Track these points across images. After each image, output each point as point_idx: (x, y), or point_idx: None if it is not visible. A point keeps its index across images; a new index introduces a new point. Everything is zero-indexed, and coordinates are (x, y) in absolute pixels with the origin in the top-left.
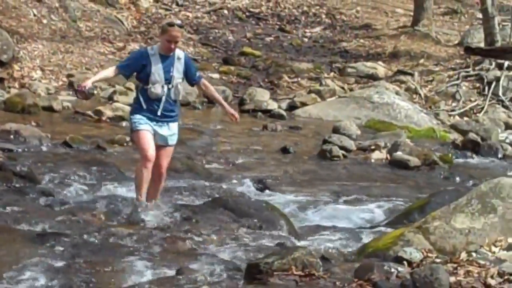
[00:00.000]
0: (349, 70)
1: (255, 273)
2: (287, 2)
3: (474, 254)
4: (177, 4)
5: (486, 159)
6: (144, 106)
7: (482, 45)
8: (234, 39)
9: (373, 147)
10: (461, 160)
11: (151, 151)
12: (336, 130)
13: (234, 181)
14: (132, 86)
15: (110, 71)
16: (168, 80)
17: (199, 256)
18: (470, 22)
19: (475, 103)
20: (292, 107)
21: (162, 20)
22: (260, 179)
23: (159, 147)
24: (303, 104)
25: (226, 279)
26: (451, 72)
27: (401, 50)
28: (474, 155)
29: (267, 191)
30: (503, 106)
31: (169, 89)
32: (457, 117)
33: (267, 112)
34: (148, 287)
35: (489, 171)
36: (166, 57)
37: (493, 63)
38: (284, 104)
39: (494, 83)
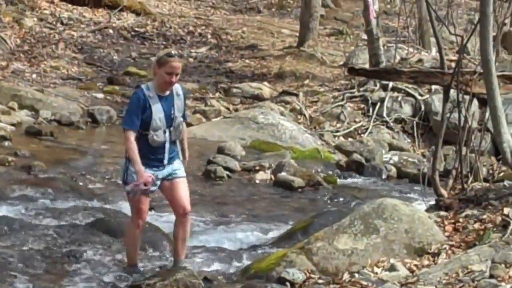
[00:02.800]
0: (235, 90)
1: None
2: (172, 22)
3: (356, 275)
4: (62, 23)
5: (370, 180)
6: (145, 153)
7: (367, 66)
8: (119, 59)
9: (257, 168)
10: (345, 181)
11: (145, 214)
12: (220, 151)
13: (118, 202)
14: (16, 105)
15: (134, 141)
16: (170, 123)
17: (81, 278)
18: (356, 43)
19: (359, 124)
20: None
21: (46, 39)
22: None
23: (171, 182)
24: (188, 124)
25: None
26: (336, 93)
27: (286, 71)
28: (358, 176)
29: (151, 211)
30: (388, 127)
31: (170, 132)
32: (341, 138)
33: None
34: None
35: (372, 192)
36: (165, 97)
37: (378, 84)
38: None
39: (378, 104)
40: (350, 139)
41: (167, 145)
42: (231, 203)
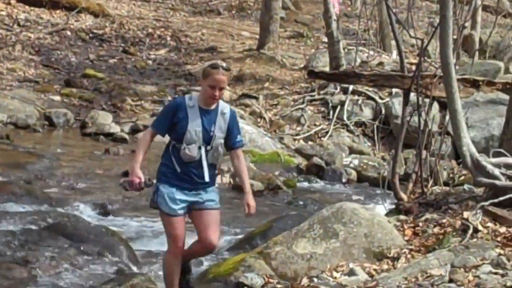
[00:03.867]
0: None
1: None
2: (131, 24)
3: (315, 280)
4: (19, 25)
5: (330, 184)
6: (177, 170)
7: (327, 69)
8: (77, 61)
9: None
10: (305, 185)
11: (181, 243)
12: None
13: (74, 205)
14: None
15: (146, 139)
16: (207, 141)
17: (36, 284)
18: (316, 45)
19: (319, 127)
20: (135, 131)
21: (2, 41)
22: (101, 203)
23: (200, 213)
24: (147, 128)
25: None
26: (296, 96)
27: (246, 73)
28: (318, 180)
29: (108, 216)
30: (348, 131)
31: (207, 151)
32: (301, 141)
33: (110, 136)
34: None
35: (332, 196)
36: (207, 111)
37: (338, 88)
38: (127, 128)
39: (339, 108)
40: (310, 143)
41: (203, 164)
42: None
